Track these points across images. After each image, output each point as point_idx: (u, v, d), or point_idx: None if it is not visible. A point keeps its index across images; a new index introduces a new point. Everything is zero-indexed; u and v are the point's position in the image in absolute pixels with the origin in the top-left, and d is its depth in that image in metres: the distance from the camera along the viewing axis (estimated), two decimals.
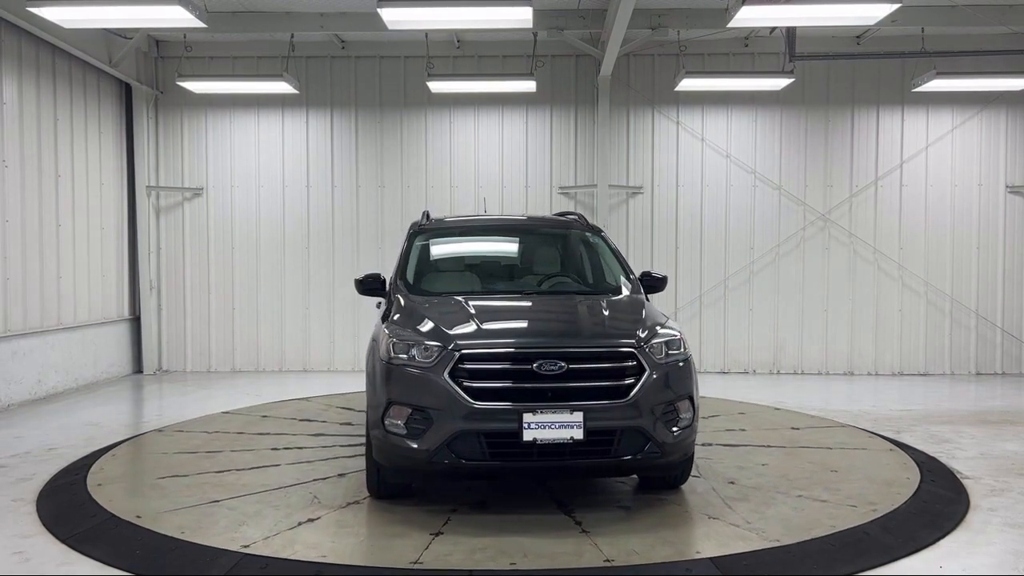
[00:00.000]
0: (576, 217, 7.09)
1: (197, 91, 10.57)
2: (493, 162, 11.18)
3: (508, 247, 6.74)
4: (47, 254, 9.36)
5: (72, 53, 9.51)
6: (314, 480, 5.63)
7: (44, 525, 4.83)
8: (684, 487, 5.48)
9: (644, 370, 4.73)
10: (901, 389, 9.94)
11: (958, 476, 5.86)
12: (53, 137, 9.52)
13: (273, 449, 6.44)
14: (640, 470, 5.12)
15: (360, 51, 11.09)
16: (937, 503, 5.19)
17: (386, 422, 4.74)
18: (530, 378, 4.61)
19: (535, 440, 4.51)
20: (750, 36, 10.74)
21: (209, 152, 11.27)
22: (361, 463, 5.94)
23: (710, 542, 4.52)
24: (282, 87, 10.14)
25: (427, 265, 6.21)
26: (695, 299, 11.05)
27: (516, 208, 11.08)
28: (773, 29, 10.23)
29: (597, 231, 6.74)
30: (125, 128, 11.06)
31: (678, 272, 10.94)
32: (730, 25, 7.75)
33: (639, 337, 4.85)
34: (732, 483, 5.64)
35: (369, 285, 5.85)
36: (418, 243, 6.25)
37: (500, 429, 4.54)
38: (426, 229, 6.45)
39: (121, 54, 10.11)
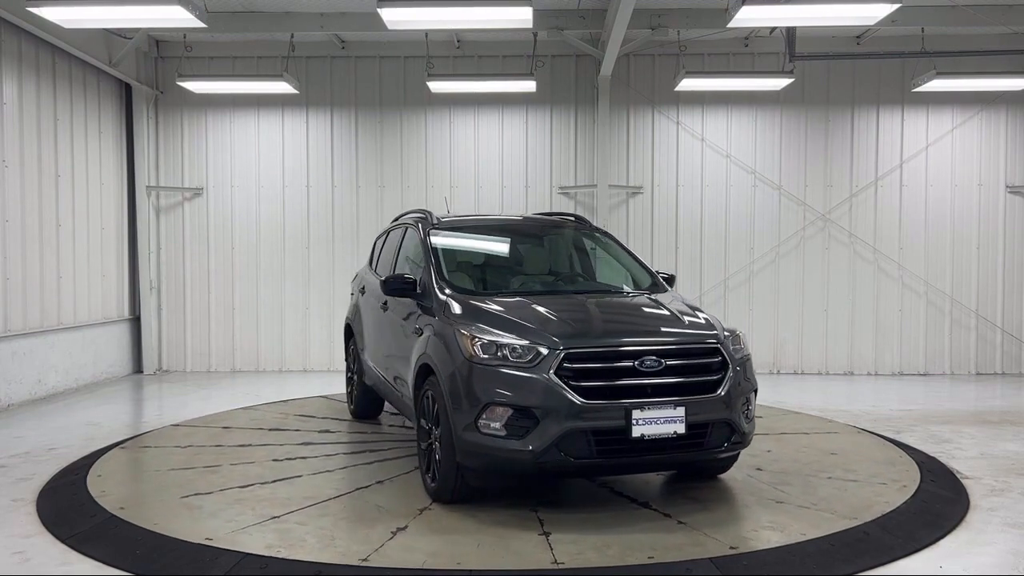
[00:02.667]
0: (574, 218, 7.15)
1: (197, 91, 10.57)
2: (493, 162, 11.18)
3: (530, 247, 6.72)
4: (47, 254, 9.36)
5: (72, 53, 9.51)
6: (357, 489, 5.42)
7: (44, 525, 4.82)
8: (722, 475, 5.66)
9: (727, 364, 4.95)
10: (901, 389, 9.94)
11: (958, 476, 5.86)
12: (53, 137, 9.52)
13: (276, 460, 6.19)
14: (720, 460, 5.33)
15: (360, 51, 11.09)
16: (937, 503, 5.19)
17: (479, 423, 4.68)
18: (633, 375, 4.69)
19: (643, 436, 4.60)
20: (750, 36, 10.74)
21: (209, 152, 11.27)
22: (394, 468, 5.92)
23: (802, 523, 4.73)
24: (282, 87, 10.14)
25: (458, 263, 6.11)
26: (695, 299, 11.05)
27: (516, 209, 11.08)
28: (773, 29, 10.23)
29: (605, 232, 6.91)
30: (125, 128, 11.06)
31: (678, 272, 10.92)
32: (730, 25, 7.75)
33: (717, 333, 5.07)
34: (759, 469, 5.87)
35: (395, 285, 5.75)
36: (439, 241, 6.12)
37: (609, 426, 4.58)
38: (443, 226, 6.34)
39: (121, 54, 10.11)
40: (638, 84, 11.05)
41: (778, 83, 10.09)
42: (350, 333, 7.87)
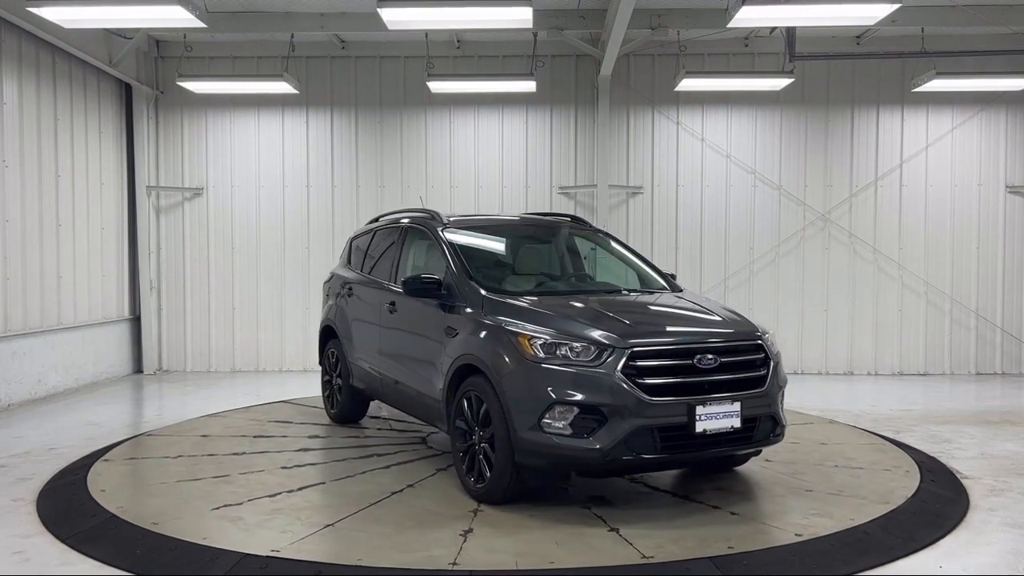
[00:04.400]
0: (570, 218, 7.20)
1: (197, 91, 10.57)
2: (493, 162, 11.18)
3: (542, 246, 6.72)
4: (47, 254, 9.36)
5: (72, 53, 9.51)
6: (393, 493, 5.29)
7: (44, 525, 4.82)
8: (739, 468, 5.85)
9: (769, 360, 5.13)
10: (901, 389, 9.94)
11: (958, 476, 5.86)
12: (53, 137, 9.52)
13: (284, 468, 5.94)
14: (758, 451, 5.58)
15: (360, 51, 11.09)
16: (937, 503, 5.20)
17: (543, 423, 4.68)
18: (693, 372, 4.80)
19: (704, 431, 4.71)
20: (750, 36, 10.74)
21: (209, 152, 11.27)
22: (416, 471, 5.83)
23: (844, 508, 5.00)
24: (282, 87, 10.14)
25: (477, 263, 6.07)
26: None
27: (517, 209, 11.08)
28: (773, 29, 10.23)
29: (607, 233, 7.05)
30: (125, 128, 11.06)
31: (678, 271, 10.91)
32: (730, 25, 7.75)
33: (759, 331, 5.24)
34: (768, 460, 6.03)
35: (417, 286, 5.63)
36: (457, 240, 6.05)
37: (673, 423, 4.67)
38: (455, 226, 6.27)
39: (121, 54, 10.11)
40: (638, 84, 11.05)
41: (778, 83, 10.09)
42: (329, 336, 7.67)
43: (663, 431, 4.65)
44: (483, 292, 5.43)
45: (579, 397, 4.63)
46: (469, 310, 5.38)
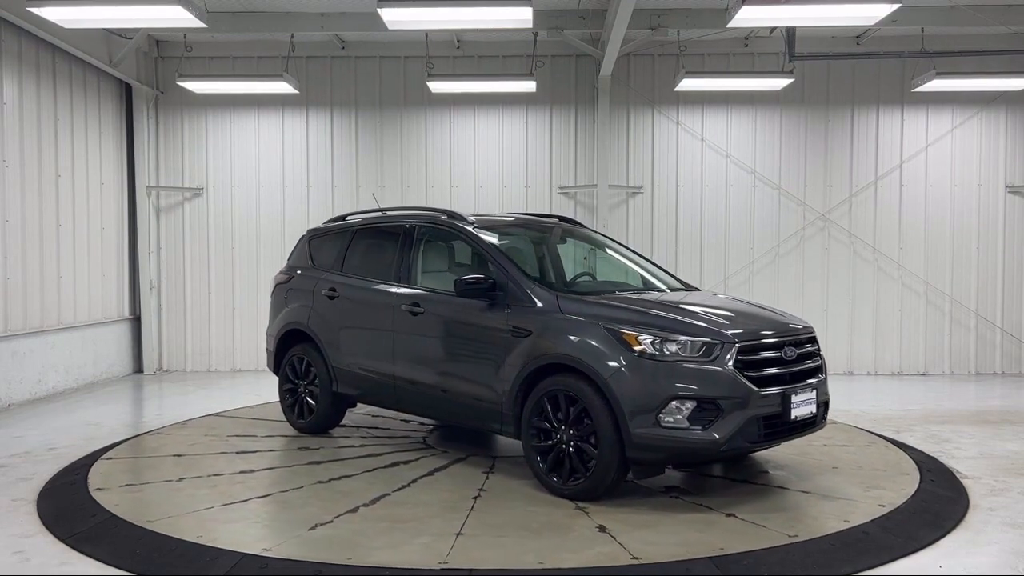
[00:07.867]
0: (558, 219, 7.28)
1: (197, 91, 10.57)
2: (493, 162, 11.18)
3: (568, 248, 6.83)
4: (47, 254, 9.36)
5: (72, 53, 9.51)
6: (474, 499, 5.17)
7: (44, 525, 4.82)
8: (752, 454, 6.13)
9: (819, 350, 5.59)
10: (901, 389, 9.95)
11: (958, 476, 5.86)
12: (53, 137, 9.52)
13: (321, 483, 5.55)
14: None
15: (360, 51, 11.09)
16: (937, 503, 5.20)
17: (659, 417, 4.81)
18: (783, 364, 5.15)
19: (796, 417, 5.10)
20: (750, 36, 10.74)
21: (209, 152, 11.28)
22: (466, 474, 5.73)
23: (883, 482, 5.56)
24: (282, 87, 10.14)
25: (529, 262, 6.15)
26: None
27: (517, 209, 11.08)
28: (773, 29, 10.24)
29: (603, 233, 7.27)
30: (125, 128, 11.06)
31: (678, 272, 10.92)
32: (730, 25, 7.75)
33: (811, 325, 5.66)
34: None
35: (465, 287, 5.55)
36: (499, 242, 6.02)
37: (774, 411, 4.99)
38: (484, 226, 6.19)
39: (121, 54, 10.11)
40: (638, 84, 11.05)
41: (778, 83, 10.09)
42: (294, 341, 7.24)
43: (766, 419, 4.95)
44: (556, 291, 5.54)
45: (698, 391, 4.81)
46: (539, 309, 5.37)
